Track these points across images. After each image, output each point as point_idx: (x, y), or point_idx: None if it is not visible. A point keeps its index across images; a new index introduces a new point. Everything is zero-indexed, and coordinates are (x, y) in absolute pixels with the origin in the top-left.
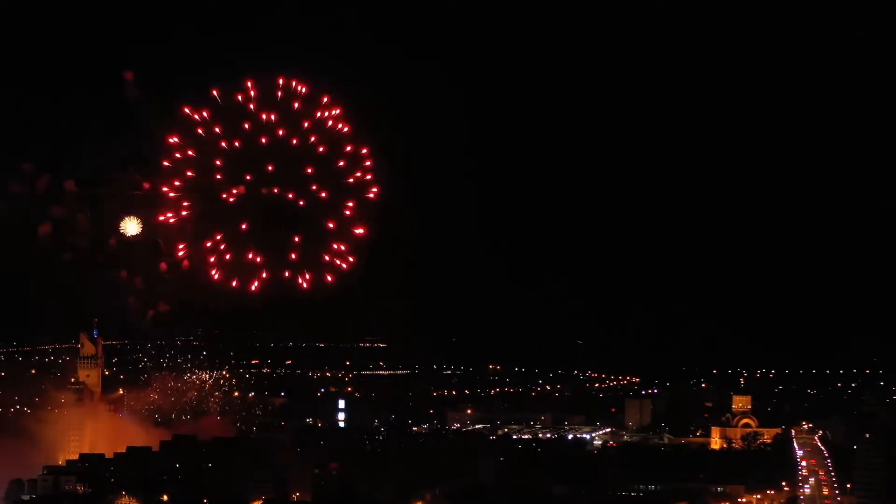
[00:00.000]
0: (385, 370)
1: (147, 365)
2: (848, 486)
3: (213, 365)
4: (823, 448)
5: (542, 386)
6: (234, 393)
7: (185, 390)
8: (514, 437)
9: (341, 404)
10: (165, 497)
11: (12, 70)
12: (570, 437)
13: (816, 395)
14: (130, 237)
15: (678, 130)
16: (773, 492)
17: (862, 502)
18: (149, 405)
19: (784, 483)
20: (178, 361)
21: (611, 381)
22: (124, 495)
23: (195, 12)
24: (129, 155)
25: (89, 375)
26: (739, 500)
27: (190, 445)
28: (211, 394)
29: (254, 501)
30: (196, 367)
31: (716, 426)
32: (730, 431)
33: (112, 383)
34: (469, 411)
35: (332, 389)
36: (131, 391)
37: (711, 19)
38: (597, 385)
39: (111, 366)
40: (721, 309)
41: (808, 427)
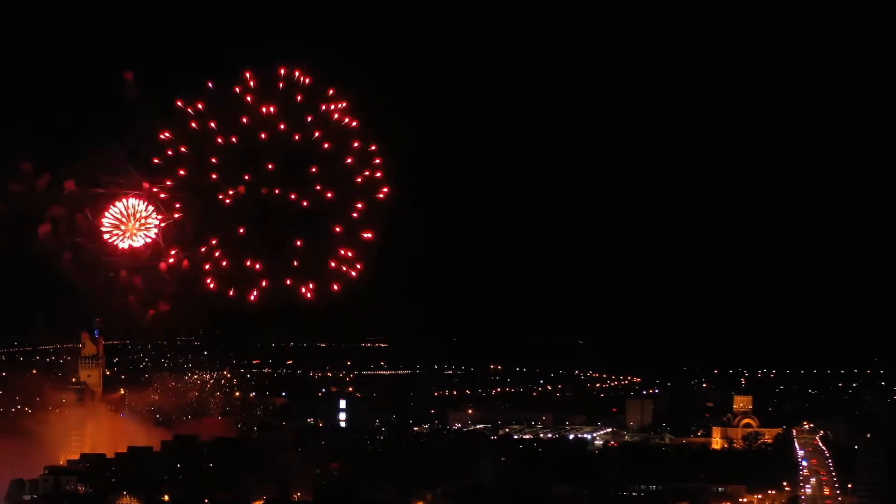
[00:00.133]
0: (386, 370)
1: (148, 365)
2: (849, 486)
3: (214, 365)
4: (824, 448)
5: (543, 386)
6: (235, 393)
7: (186, 390)
8: (515, 437)
9: (342, 404)
10: (166, 497)
11: (12, 70)
12: (571, 437)
13: (817, 395)
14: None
15: (679, 131)
16: (775, 492)
17: (863, 502)
18: (150, 405)
19: (785, 483)
20: (179, 361)
21: (612, 381)
22: (125, 495)
23: (195, 12)
24: (130, 155)
25: (90, 375)
26: (740, 501)
27: (191, 445)
28: (212, 394)
29: (255, 501)
30: (197, 367)
31: (717, 426)
32: (731, 431)
33: (113, 383)
34: (470, 411)
35: (333, 389)
36: (132, 391)
37: (711, 19)
38: (598, 385)
39: (112, 366)
40: (722, 309)
41: (810, 427)
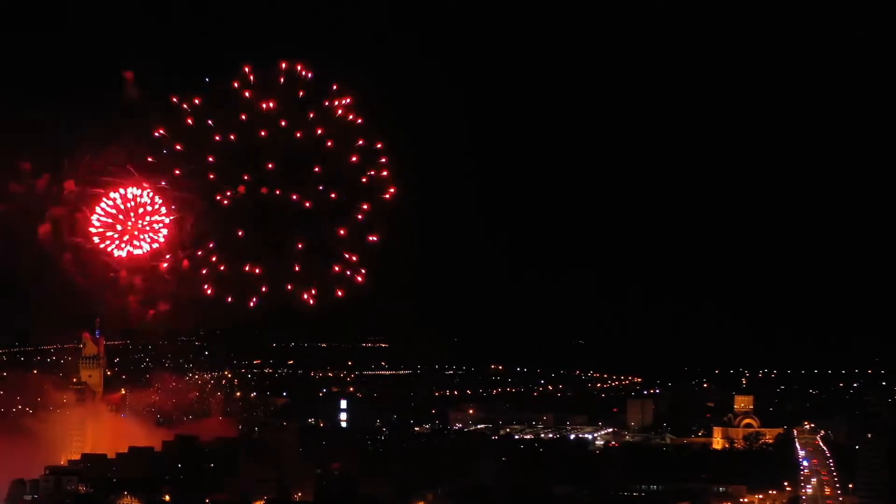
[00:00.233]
0: (387, 370)
1: (148, 365)
2: (850, 486)
3: (215, 365)
4: (825, 448)
5: (544, 386)
6: (236, 393)
7: (187, 390)
8: (516, 437)
9: (343, 404)
10: (167, 497)
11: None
12: (572, 437)
13: (818, 395)
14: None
15: (679, 131)
16: (775, 492)
17: (864, 502)
18: (150, 405)
19: (786, 483)
20: (180, 361)
21: (613, 381)
22: (126, 495)
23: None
24: (129, 155)
25: (91, 375)
26: (741, 501)
27: (191, 445)
28: (212, 394)
29: (255, 501)
30: (197, 368)
31: (718, 426)
32: (732, 431)
33: (114, 383)
34: (471, 411)
35: (334, 389)
36: (133, 391)
37: (711, 19)
38: (599, 385)
39: (113, 366)
40: (723, 309)
41: (810, 427)
